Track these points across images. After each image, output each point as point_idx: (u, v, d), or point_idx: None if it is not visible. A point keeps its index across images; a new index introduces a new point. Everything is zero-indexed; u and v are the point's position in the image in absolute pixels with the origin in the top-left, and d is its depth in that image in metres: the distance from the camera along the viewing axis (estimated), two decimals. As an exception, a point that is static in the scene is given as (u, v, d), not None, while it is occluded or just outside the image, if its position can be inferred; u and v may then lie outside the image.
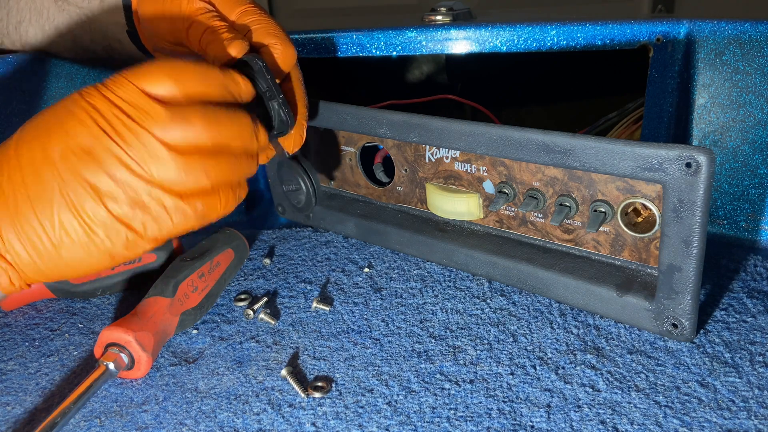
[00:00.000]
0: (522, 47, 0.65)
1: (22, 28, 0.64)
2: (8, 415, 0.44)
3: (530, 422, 0.41)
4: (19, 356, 0.51)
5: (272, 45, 0.48)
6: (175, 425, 0.43)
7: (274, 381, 0.47)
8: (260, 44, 0.49)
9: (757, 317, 0.50)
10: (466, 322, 0.52)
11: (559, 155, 0.48)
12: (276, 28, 0.49)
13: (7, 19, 0.65)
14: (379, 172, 0.64)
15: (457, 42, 0.66)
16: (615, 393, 0.43)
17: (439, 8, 0.74)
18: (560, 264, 0.52)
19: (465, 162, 0.56)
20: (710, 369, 0.45)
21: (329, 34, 0.68)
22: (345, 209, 0.66)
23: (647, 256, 0.49)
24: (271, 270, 0.63)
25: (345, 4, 1.27)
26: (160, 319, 0.49)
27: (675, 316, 0.46)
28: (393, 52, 0.68)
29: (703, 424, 0.40)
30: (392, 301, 0.56)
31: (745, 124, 0.60)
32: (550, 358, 0.47)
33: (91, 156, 0.38)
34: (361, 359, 0.49)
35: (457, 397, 0.44)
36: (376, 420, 0.42)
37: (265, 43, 0.48)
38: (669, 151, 0.42)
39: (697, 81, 0.61)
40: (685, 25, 0.61)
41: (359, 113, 0.58)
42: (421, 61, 0.89)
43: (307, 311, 0.55)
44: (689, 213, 0.43)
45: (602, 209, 0.49)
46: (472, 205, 0.57)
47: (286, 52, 0.49)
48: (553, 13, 0.77)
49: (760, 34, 0.58)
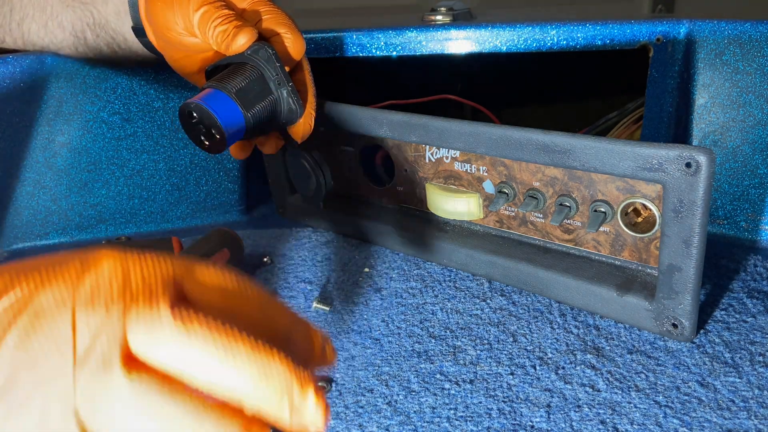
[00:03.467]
0: (522, 47, 0.65)
1: (25, 25, 0.64)
2: (8, 415, 0.44)
3: (530, 422, 0.41)
4: (19, 356, 0.51)
5: (283, 34, 0.50)
6: (175, 425, 0.43)
7: (274, 381, 0.47)
8: (271, 32, 0.50)
9: (757, 317, 0.50)
10: (466, 322, 0.52)
11: (559, 155, 0.48)
12: (287, 18, 0.50)
13: (10, 17, 0.64)
14: (379, 172, 0.64)
15: (457, 42, 0.66)
16: (615, 393, 0.43)
17: (439, 8, 0.74)
18: (560, 264, 0.52)
19: (465, 162, 0.56)
20: (710, 369, 0.45)
21: (329, 34, 0.68)
22: (345, 209, 0.66)
23: (647, 256, 0.49)
24: (271, 270, 0.63)
25: (345, 4, 1.27)
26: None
27: (675, 316, 0.46)
28: (393, 52, 0.68)
29: (703, 424, 0.40)
30: (392, 301, 0.56)
31: (745, 124, 0.60)
32: (550, 358, 0.47)
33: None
34: (361, 359, 0.49)
35: (457, 397, 0.44)
36: (376, 420, 0.42)
37: (277, 32, 0.50)
38: (669, 151, 0.42)
39: (697, 81, 0.61)
40: (685, 25, 0.61)
41: (359, 113, 0.58)
42: (421, 61, 0.89)
43: (307, 311, 0.55)
44: (689, 213, 0.43)
45: (602, 209, 0.49)
46: (472, 205, 0.57)
47: (296, 42, 0.50)
48: (553, 13, 0.77)
49: (760, 34, 0.58)
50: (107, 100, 0.69)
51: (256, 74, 0.47)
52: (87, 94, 0.68)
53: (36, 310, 0.22)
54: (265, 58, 0.47)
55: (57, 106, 0.67)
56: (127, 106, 0.70)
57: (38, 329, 0.22)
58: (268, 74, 0.47)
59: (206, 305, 0.24)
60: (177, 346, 0.22)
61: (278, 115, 0.49)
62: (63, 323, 0.22)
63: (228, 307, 0.25)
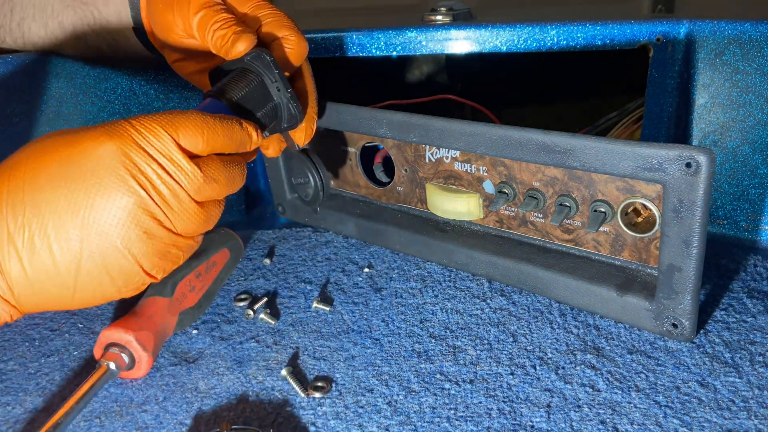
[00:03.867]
0: (522, 47, 0.65)
1: (25, 24, 0.64)
2: (8, 415, 0.44)
3: (530, 422, 0.41)
4: (19, 356, 0.51)
5: (285, 37, 0.50)
6: (175, 425, 0.43)
7: (274, 381, 0.47)
8: (273, 36, 0.50)
9: (757, 317, 0.50)
10: (466, 322, 0.52)
11: (559, 155, 0.48)
12: (289, 21, 0.50)
13: (11, 16, 0.64)
14: (379, 172, 0.64)
15: (457, 42, 0.66)
16: (615, 393, 0.43)
17: (439, 8, 0.74)
18: (560, 264, 0.52)
19: (465, 162, 0.56)
20: (710, 369, 0.45)
21: (329, 34, 0.68)
22: (345, 209, 0.66)
23: (647, 256, 0.49)
24: (271, 270, 0.63)
25: (345, 4, 1.27)
26: (159, 318, 0.49)
27: (675, 316, 0.46)
28: (393, 52, 0.68)
29: (703, 424, 0.40)
30: (392, 301, 0.56)
31: (745, 124, 0.60)
32: (550, 358, 0.47)
33: (131, 216, 0.38)
34: (361, 359, 0.49)
35: (457, 397, 0.44)
36: (376, 420, 0.42)
37: (278, 36, 0.50)
38: (669, 151, 0.42)
39: (697, 81, 0.61)
40: (685, 25, 0.61)
41: (359, 113, 0.58)
42: (421, 61, 0.89)
43: (307, 311, 0.55)
44: (689, 213, 0.43)
45: (602, 209, 0.49)
46: (472, 205, 0.57)
47: (299, 45, 0.50)
48: (553, 13, 0.77)
49: (760, 34, 0.58)
50: (107, 100, 0.69)
51: (257, 81, 0.47)
52: (87, 94, 0.68)
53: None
54: (265, 65, 0.46)
55: (57, 106, 0.67)
56: (127, 106, 0.70)
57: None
58: (268, 81, 0.47)
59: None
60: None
61: (280, 121, 0.49)
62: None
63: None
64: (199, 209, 0.40)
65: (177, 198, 0.39)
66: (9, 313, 0.38)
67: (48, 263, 0.37)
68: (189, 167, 0.39)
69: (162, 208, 0.39)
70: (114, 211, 0.37)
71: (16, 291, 0.37)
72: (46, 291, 0.38)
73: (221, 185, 0.42)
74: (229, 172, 0.42)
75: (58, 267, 0.37)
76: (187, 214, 0.40)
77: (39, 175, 0.37)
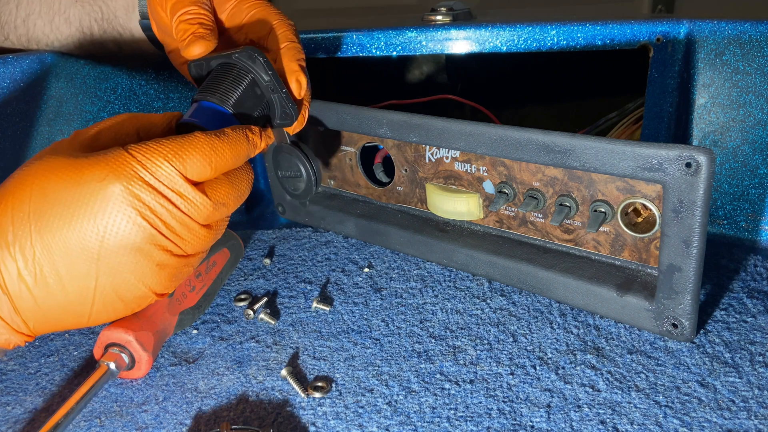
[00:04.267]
0: (522, 47, 0.65)
1: (30, 21, 0.64)
2: (8, 415, 0.44)
3: (530, 422, 0.41)
4: (19, 356, 0.51)
5: (276, 24, 0.49)
6: (175, 425, 0.43)
7: (274, 381, 0.47)
8: (261, 26, 0.49)
9: (757, 317, 0.50)
10: (466, 322, 0.52)
11: (559, 155, 0.48)
12: (273, 9, 0.50)
13: (16, 13, 0.65)
14: (379, 172, 0.64)
15: (457, 42, 0.66)
16: (615, 393, 0.43)
17: (439, 8, 0.74)
18: (560, 264, 0.52)
19: (465, 162, 0.56)
20: (710, 369, 0.45)
21: (329, 34, 0.68)
22: (345, 209, 0.66)
23: (647, 256, 0.49)
24: (271, 270, 0.63)
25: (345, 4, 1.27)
26: (159, 318, 0.49)
27: (675, 316, 0.46)
28: (393, 52, 0.68)
29: (703, 424, 0.40)
30: (392, 301, 0.56)
31: (745, 124, 0.60)
32: (550, 358, 0.47)
33: (143, 254, 0.38)
34: (361, 359, 0.49)
35: (457, 397, 0.44)
36: (376, 420, 0.42)
37: (269, 22, 0.49)
38: (669, 151, 0.42)
39: (697, 81, 0.61)
40: (685, 25, 0.61)
41: (359, 113, 0.58)
42: (421, 61, 0.89)
43: (307, 311, 0.55)
44: (689, 213, 0.43)
45: (602, 209, 0.49)
46: (472, 205, 0.57)
47: (283, 25, 0.50)
48: (553, 13, 0.77)
49: (760, 34, 0.58)
50: (107, 100, 0.69)
51: (249, 80, 0.46)
52: (87, 94, 0.68)
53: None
54: (257, 65, 0.45)
55: (57, 106, 0.67)
56: (127, 106, 0.70)
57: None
58: (261, 80, 0.46)
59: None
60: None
61: (272, 118, 0.49)
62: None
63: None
64: (208, 231, 0.41)
65: (187, 228, 0.39)
66: (23, 339, 0.39)
67: (61, 300, 0.37)
68: (198, 198, 0.39)
69: (173, 240, 0.39)
70: (126, 251, 0.37)
71: (31, 324, 0.38)
72: (61, 321, 0.39)
73: (230, 207, 0.42)
74: (238, 190, 0.42)
75: (73, 303, 0.38)
76: (197, 239, 0.40)
77: (45, 215, 0.37)
